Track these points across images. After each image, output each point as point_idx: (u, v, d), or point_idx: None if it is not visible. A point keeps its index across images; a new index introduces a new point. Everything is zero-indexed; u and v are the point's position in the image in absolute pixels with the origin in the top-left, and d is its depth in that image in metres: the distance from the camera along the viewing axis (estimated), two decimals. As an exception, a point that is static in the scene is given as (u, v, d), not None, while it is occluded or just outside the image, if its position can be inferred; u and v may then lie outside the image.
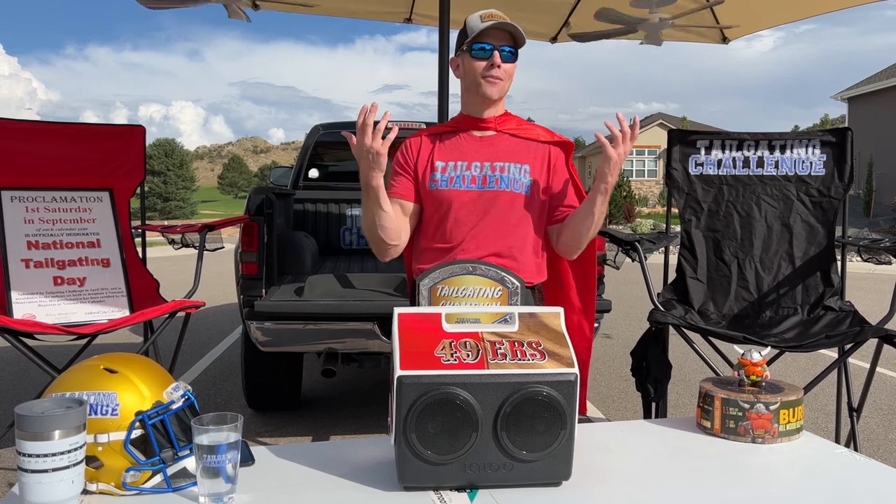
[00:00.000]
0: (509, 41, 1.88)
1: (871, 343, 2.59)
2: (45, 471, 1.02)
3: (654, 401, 2.86)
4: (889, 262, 2.85)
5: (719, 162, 3.21)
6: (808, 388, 2.53)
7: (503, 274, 1.76)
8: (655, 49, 4.15)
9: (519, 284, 1.77)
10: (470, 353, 1.26)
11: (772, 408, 1.50)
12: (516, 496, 1.23)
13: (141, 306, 3.16)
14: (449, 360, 1.25)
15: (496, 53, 1.85)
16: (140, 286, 3.27)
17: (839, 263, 3.04)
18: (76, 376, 1.26)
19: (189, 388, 1.34)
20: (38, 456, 1.02)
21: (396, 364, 1.24)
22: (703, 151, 3.21)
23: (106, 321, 2.84)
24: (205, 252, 3.18)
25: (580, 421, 1.34)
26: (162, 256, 14.53)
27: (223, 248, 3.26)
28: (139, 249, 3.39)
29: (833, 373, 2.71)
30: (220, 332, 6.56)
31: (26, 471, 1.02)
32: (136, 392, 1.25)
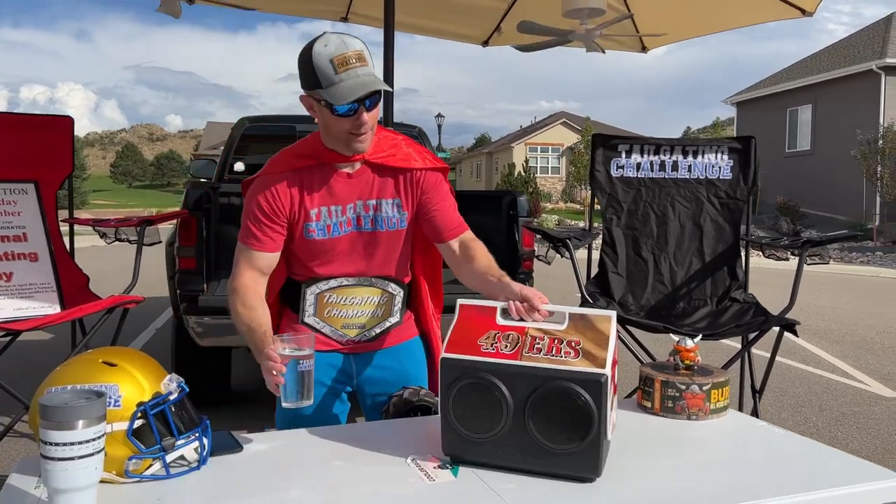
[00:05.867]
0: None
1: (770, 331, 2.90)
2: (72, 458, 1.07)
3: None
4: (787, 259, 3.18)
5: (638, 165, 3.46)
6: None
7: (388, 283, 1.87)
8: (556, 49, 4.38)
9: (401, 289, 1.89)
10: (509, 344, 1.37)
11: (704, 388, 1.71)
12: (500, 470, 1.36)
13: (71, 302, 3.10)
14: (487, 349, 1.37)
15: (361, 108, 1.62)
16: (70, 281, 3.20)
17: (743, 259, 3.35)
18: (76, 370, 1.30)
19: (181, 379, 1.40)
20: (63, 444, 1.07)
21: (444, 346, 1.38)
22: (623, 155, 3.46)
23: (41, 316, 2.78)
24: (124, 243, 3.15)
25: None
26: (80, 248, 13.79)
27: (160, 242, 3.24)
28: (66, 243, 3.31)
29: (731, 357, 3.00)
30: (139, 324, 6.40)
31: (52, 458, 1.07)
32: (135, 384, 1.30)
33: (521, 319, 1.45)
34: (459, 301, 1.46)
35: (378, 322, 1.89)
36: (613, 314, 1.40)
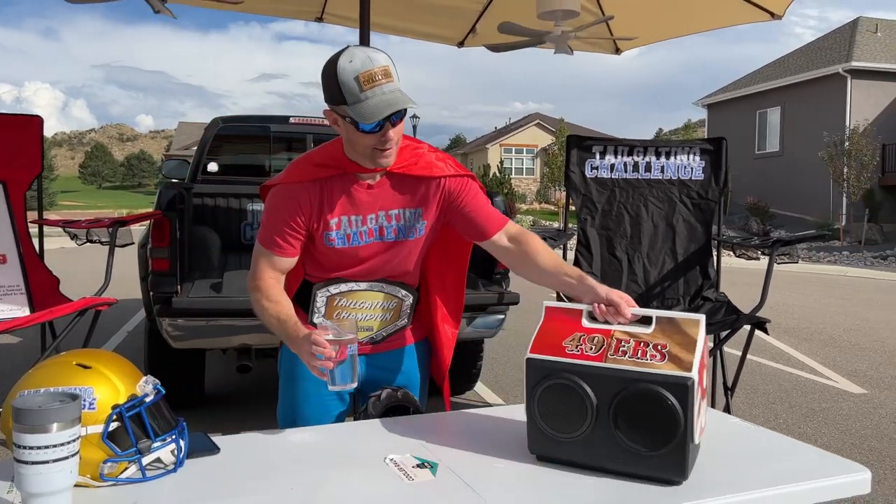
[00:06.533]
0: None
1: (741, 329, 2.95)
2: (46, 462, 1.05)
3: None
4: (757, 258, 3.23)
5: (612, 166, 3.50)
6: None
7: (398, 288, 1.87)
8: (530, 52, 4.42)
9: (410, 295, 1.89)
10: (594, 346, 1.38)
11: (678, 385, 1.73)
12: (478, 469, 1.37)
13: (41, 304, 3.05)
14: (572, 351, 1.38)
15: (387, 125, 1.60)
16: (39, 283, 3.15)
17: (715, 259, 3.40)
18: (49, 372, 1.28)
19: (157, 381, 1.38)
20: (37, 448, 1.05)
21: (528, 347, 1.40)
22: (598, 156, 3.49)
23: (10, 319, 2.73)
24: (95, 244, 3.12)
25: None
26: (49, 249, 13.54)
27: (133, 243, 3.20)
28: (35, 244, 3.26)
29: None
30: (111, 327, 6.30)
31: (25, 462, 1.05)
32: (111, 386, 1.29)
33: (606, 322, 1.46)
34: (545, 303, 1.47)
35: (386, 325, 1.89)
36: (702, 318, 1.37)
